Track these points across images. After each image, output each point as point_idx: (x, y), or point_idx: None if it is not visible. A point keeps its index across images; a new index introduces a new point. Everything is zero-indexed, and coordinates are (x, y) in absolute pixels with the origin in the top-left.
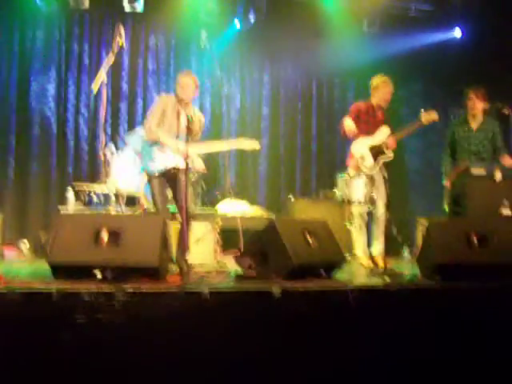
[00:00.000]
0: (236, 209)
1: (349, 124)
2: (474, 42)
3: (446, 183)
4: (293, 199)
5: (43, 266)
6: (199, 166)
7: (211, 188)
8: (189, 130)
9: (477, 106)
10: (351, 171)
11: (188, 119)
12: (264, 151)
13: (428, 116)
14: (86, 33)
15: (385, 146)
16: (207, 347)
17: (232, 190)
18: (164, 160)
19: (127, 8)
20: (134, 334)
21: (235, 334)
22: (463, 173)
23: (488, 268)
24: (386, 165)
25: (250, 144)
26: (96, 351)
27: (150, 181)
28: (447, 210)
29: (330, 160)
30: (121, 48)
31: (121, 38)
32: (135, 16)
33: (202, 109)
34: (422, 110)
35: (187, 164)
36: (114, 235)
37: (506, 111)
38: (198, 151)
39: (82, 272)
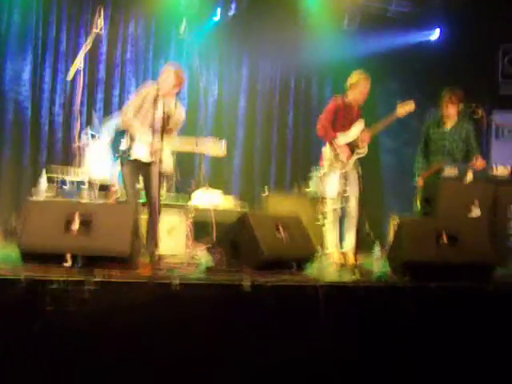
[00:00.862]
0: (210, 199)
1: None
2: (451, 44)
3: (419, 182)
4: (267, 193)
5: (13, 251)
6: (168, 166)
7: (186, 178)
8: (163, 123)
9: (451, 106)
10: (325, 167)
11: (164, 112)
12: (240, 143)
13: (404, 107)
14: (64, 17)
15: (360, 141)
16: (175, 338)
17: (206, 179)
18: (136, 149)
19: None
20: (102, 323)
21: (204, 325)
22: (435, 173)
23: (457, 267)
24: (361, 161)
25: (216, 149)
26: (64, 339)
27: (121, 168)
28: (419, 208)
29: (305, 154)
30: (98, 35)
31: (99, 26)
32: (115, 2)
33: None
34: (398, 102)
35: (159, 158)
36: (86, 223)
37: (479, 113)
38: (167, 148)
39: (52, 258)
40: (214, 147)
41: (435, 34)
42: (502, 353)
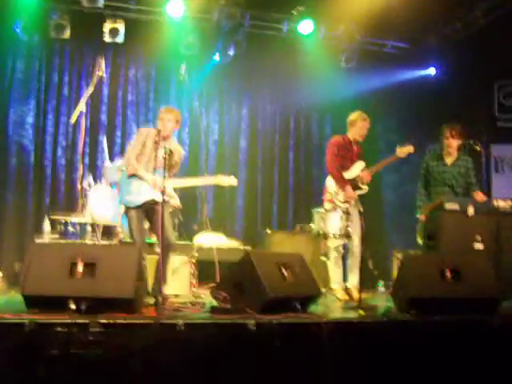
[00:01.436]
0: (213, 240)
1: (349, 191)
2: (448, 80)
3: (421, 217)
4: (269, 232)
5: (16, 297)
6: (175, 202)
7: (188, 220)
8: (167, 163)
9: (452, 142)
10: (327, 205)
11: (166, 153)
12: (241, 184)
13: (403, 149)
14: (66, 63)
15: (360, 180)
16: (182, 379)
17: (209, 222)
18: (141, 193)
19: (107, 39)
20: (108, 365)
21: (210, 366)
22: (437, 207)
23: (462, 302)
24: (362, 198)
25: (227, 180)
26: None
27: (127, 213)
28: (421, 243)
29: (307, 194)
30: (100, 79)
31: (100, 69)
32: (115, 47)
33: (180, 141)
34: (398, 145)
35: (164, 198)
36: (89, 266)
37: (477, 148)
38: (175, 185)
39: (56, 303)
40: (224, 179)
41: (431, 71)
42: None
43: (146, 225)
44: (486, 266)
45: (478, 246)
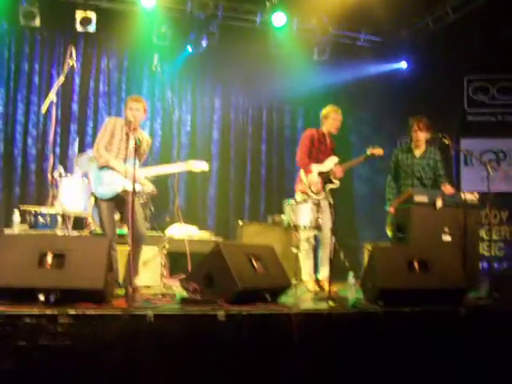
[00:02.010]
0: (185, 231)
1: (313, 177)
2: (419, 74)
3: (390, 209)
4: (241, 224)
5: None
6: (149, 188)
7: (160, 212)
8: (137, 153)
9: (419, 135)
10: (298, 196)
11: (136, 143)
12: (214, 176)
13: (374, 150)
14: (37, 51)
15: (332, 174)
16: (152, 370)
17: (181, 214)
18: (113, 184)
19: (79, 28)
20: (77, 357)
21: (180, 356)
22: (406, 200)
23: (429, 293)
24: (334, 191)
25: (199, 166)
26: (37, 375)
27: (98, 205)
28: (391, 236)
29: (279, 185)
30: (72, 68)
31: (72, 59)
32: (87, 36)
33: (152, 132)
34: (370, 146)
35: (134, 188)
36: (59, 257)
37: (446, 141)
38: (147, 174)
39: (25, 295)
40: (195, 164)
41: (403, 65)
42: (475, 374)
43: (117, 216)
44: (453, 258)
45: (446, 237)
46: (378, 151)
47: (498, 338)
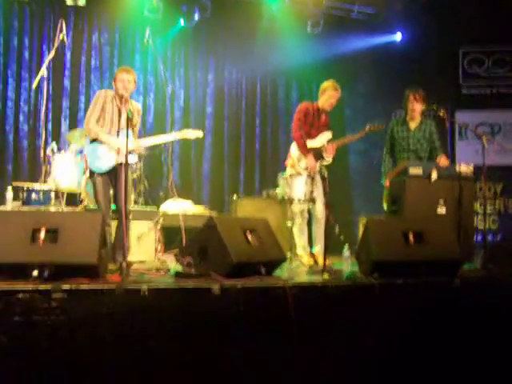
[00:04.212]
0: (179, 206)
1: (311, 160)
2: (414, 46)
3: (385, 183)
4: (236, 198)
5: None
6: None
7: (154, 187)
8: (130, 124)
9: (415, 106)
10: (289, 170)
11: (128, 115)
12: (208, 150)
13: (373, 127)
14: (26, 26)
15: (324, 150)
16: (146, 344)
17: (175, 189)
18: (108, 158)
19: (69, 1)
20: (71, 332)
21: (174, 331)
22: (401, 172)
23: (424, 265)
24: (329, 165)
25: (194, 133)
26: (33, 350)
27: (93, 179)
28: (386, 208)
29: (274, 159)
30: (62, 43)
31: (62, 33)
32: (78, 10)
33: (145, 107)
34: (369, 123)
35: (127, 162)
36: (52, 232)
37: (441, 113)
38: (143, 144)
39: (18, 270)
40: (191, 132)
41: (398, 37)
42: (469, 346)
43: (112, 191)
44: (448, 230)
45: (441, 210)
46: (379, 127)
47: (492, 309)
